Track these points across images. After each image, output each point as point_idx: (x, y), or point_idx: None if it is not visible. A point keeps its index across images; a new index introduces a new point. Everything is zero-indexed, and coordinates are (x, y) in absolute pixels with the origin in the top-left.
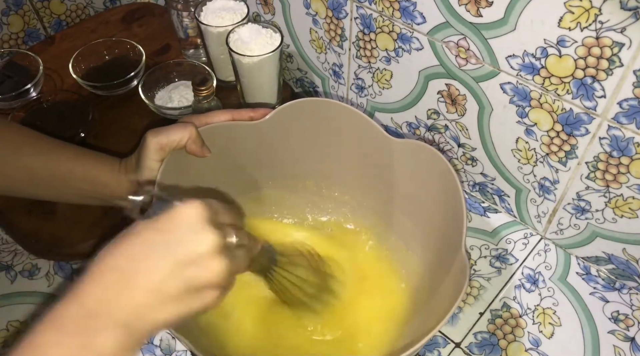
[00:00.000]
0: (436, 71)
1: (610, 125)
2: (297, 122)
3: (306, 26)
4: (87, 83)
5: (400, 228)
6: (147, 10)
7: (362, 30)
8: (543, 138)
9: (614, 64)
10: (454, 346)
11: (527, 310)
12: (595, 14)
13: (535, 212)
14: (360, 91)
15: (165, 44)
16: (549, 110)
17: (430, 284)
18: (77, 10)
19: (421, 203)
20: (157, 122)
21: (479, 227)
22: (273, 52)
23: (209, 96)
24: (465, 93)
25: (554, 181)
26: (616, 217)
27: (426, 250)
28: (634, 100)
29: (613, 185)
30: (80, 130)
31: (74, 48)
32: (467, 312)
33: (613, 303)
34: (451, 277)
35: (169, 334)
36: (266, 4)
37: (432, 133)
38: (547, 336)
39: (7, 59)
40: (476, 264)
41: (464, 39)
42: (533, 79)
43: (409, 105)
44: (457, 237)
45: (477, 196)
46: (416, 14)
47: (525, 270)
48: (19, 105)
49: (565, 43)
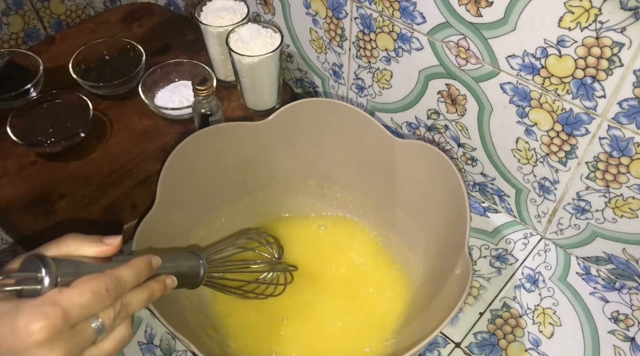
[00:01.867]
0: (436, 71)
1: (610, 125)
2: (300, 122)
3: (306, 26)
4: (87, 83)
5: (403, 228)
6: (147, 10)
7: (362, 30)
8: (543, 138)
9: (614, 64)
10: (454, 346)
11: (527, 310)
12: (595, 14)
13: (535, 212)
14: (360, 91)
15: (165, 44)
16: (549, 110)
17: (433, 284)
18: (77, 10)
19: (424, 204)
20: (157, 122)
21: (479, 227)
22: (273, 52)
23: (209, 96)
24: (465, 94)
25: (554, 181)
26: (616, 217)
27: (429, 250)
28: (634, 100)
29: (613, 185)
30: (80, 130)
31: (74, 48)
32: (467, 312)
33: (613, 303)
34: (454, 277)
35: (169, 334)
36: (266, 4)
37: (432, 133)
38: (547, 336)
39: (7, 59)
40: (476, 264)
41: (464, 39)
42: (533, 79)
43: (409, 105)
44: (460, 237)
45: (477, 196)
46: (416, 14)
47: (525, 270)
48: (19, 105)
49: (565, 43)
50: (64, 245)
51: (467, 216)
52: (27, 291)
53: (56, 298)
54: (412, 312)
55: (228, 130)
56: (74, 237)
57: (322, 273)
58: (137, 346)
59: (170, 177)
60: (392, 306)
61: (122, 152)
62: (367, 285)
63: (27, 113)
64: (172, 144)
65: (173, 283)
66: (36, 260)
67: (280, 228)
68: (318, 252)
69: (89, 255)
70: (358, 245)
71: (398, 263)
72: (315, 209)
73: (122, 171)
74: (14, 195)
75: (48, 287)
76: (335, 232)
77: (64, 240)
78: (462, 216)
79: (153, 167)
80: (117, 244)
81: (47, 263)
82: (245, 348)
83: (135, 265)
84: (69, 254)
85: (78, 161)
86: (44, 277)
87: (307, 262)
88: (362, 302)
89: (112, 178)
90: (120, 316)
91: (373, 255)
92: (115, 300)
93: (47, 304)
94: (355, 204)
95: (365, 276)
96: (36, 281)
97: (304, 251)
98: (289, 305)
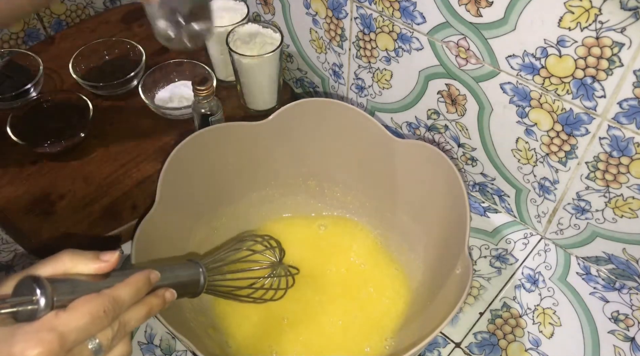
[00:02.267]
0: (436, 71)
1: (610, 125)
2: (300, 122)
3: (306, 26)
4: (87, 83)
5: (403, 228)
6: None
7: (362, 30)
8: (543, 138)
9: (614, 64)
10: (454, 346)
11: (527, 310)
12: (595, 14)
13: (535, 212)
14: (360, 91)
15: None
16: (549, 110)
17: (433, 284)
18: (77, 10)
19: (424, 204)
20: (157, 122)
21: (479, 227)
22: (273, 52)
23: (209, 96)
24: (465, 94)
25: (554, 181)
26: (616, 217)
27: (429, 250)
28: (634, 100)
29: (613, 185)
30: (80, 130)
31: (74, 48)
32: (467, 312)
33: (613, 303)
34: (454, 278)
35: (169, 334)
36: (266, 4)
37: (432, 133)
38: (547, 336)
39: (7, 59)
40: (476, 264)
41: (464, 38)
42: (533, 79)
43: (409, 105)
44: (460, 238)
45: (477, 196)
46: (416, 14)
47: (525, 270)
48: (19, 105)
49: (565, 43)
50: (60, 262)
51: (467, 216)
52: (23, 314)
53: (52, 323)
54: (412, 312)
55: (228, 130)
56: (70, 254)
57: (322, 273)
58: (137, 346)
59: (170, 177)
60: (392, 306)
61: (122, 152)
62: (367, 285)
63: (27, 113)
64: (172, 144)
65: (172, 296)
66: (31, 282)
67: (280, 228)
68: (318, 252)
69: (86, 272)
70: (358, 245)
71: (398, 263)
72: (315, 209)
73: (122, 171)
74: (14, 195)
75: (44, 309)
76: (335, 232)
77: (60, 257)
78: (462, 216)
79: (153, 167)
80: (114, 260)
81: (43, 285)
82: (245, 348)
83: (133, 282)
84: (66, 272)
85: (78, 161)
86: (40, 299)
87: (307, 262)
88: (362, 302)
89: (112, 178)
90: (119, 336)
91: (373, 255)
92: (113, 320)
93: (43, 329)
94: (355, 204)
95: (365, 276)
96: (32, 303)
97: (304, 251)
98: (289, 305)
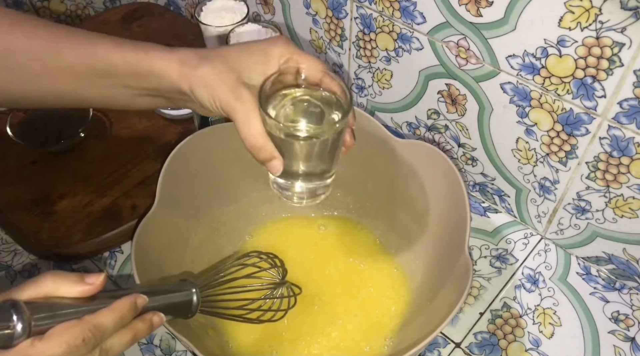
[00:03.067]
0: (436, 71)
1: (610, 125)
2: None
3: (306, 26)
4: None
5: (403, 228)
6: (147, 10)
7: (362, 30)
8: (543, 138)
9: (614, 64)
10: (454, 346)
11: (527, 310)
12: (595, 13)
13: (535, 212)
14: (360, 91)
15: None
16: (549, 110)
17: (433, 284)
18: (77, 10)
19: (424, 204)
20: (157, 122)
21: (479, 227)
22: None
23: None
24: (465, 93)
25: (554, 181)
26: (616, 217)
27: (429, 250)
28: (634, 100)
29: (613, 185)
30: (80, 130)
31: None
32: (467, 312)
33: (613, 303)
34: (454, 278)
35: (169, 334)
36: (266, 4)
37: (432, 133)
38: (547, 336)
39: None
40: (476, 264)
41: (464, 38)
42: (533, 78)
43: (409, 105)
44: (460, 238)
45: (477, 196)
46: (416, 13)
47: (526, 270)
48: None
49: (565, 43)
50: (42, 284)
51: (467, 216)
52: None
53: (27, 352)
54: (412, 312)
55: (228, 130)
56: (52, 276)
57: (322, 273)
58: (137, 346)
59: (170, 177)
60: (392, 306)
61: (122, 152)
62: (367, 284)
63: (27, 114)
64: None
65: (161, 321)
66: (9, 307)
67: (281, 228)
68: (318, 252)
69: (69, 295)
70: (358, 245)
71: (398, 263)
72: (315, 209)
73: (122, 171)
74: (14, 195)
75: (21, 335)
76: (335, 232)
77: (43, 280)
78: (462, 216)
79: (153, 167)
80: (99, 283)
81: (20, 310)
82: (245, 348)
83: (117, 308)
84: (48, 294)
85: (78, 161)
86: (17, 325)
87: (307, 262)
88: (362, 302)
89: (112, 178)
90: None
91: (373, 255)
92: (94, 348)
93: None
94: (355, 204)
95: (365, 276)
96: (8, 328)
97: (304, 251)
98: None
